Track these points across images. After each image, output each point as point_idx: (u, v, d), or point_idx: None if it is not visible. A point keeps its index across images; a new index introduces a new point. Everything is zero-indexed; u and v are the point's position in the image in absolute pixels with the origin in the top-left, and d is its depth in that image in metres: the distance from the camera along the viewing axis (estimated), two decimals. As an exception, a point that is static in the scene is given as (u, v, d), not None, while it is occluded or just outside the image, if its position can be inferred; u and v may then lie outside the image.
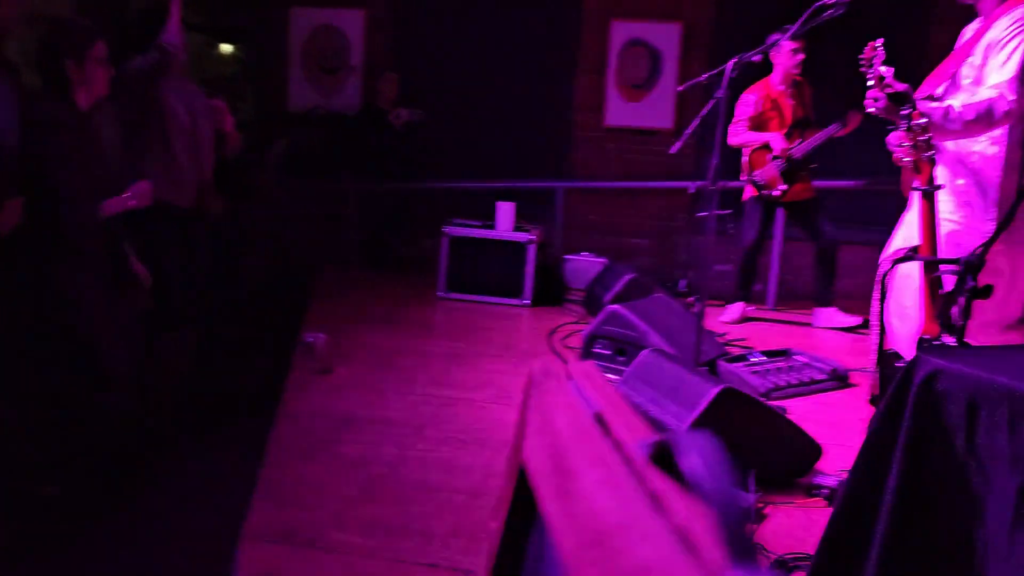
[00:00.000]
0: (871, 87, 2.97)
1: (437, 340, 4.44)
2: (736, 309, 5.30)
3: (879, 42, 3.02)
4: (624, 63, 6.62)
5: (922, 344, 2.44)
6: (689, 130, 5.58)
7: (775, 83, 5.02)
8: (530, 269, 5.34)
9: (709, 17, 6.57)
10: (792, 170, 4.97)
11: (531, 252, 5.33)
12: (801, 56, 4.86)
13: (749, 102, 5.05)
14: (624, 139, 6.74)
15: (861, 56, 3.05)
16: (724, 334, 4.57)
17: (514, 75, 6.82)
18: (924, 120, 2.39)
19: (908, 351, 2.58)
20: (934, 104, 2.96)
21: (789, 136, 4.95)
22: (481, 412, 3.33)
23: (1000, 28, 2.93)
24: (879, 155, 3.67)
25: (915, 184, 2.46)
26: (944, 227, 3.07)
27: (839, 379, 3.97)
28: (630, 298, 4.77)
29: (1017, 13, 2.90)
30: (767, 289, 5.85)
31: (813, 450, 2.83)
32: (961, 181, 3.10)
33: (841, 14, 3.38)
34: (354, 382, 3.60)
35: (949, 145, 3.11)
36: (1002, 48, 2.90)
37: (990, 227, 3.02)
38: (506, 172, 6.67)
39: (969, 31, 3.18)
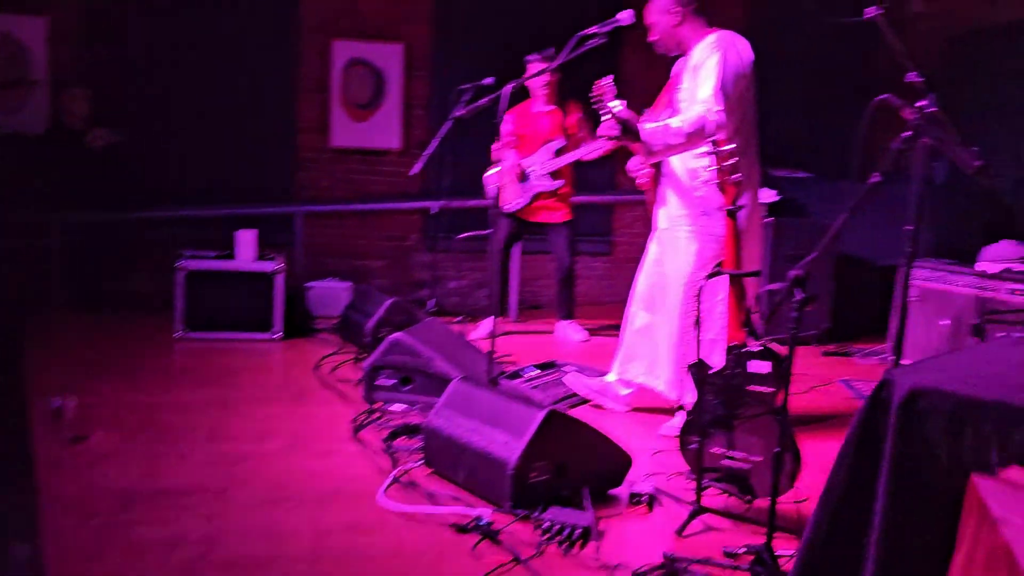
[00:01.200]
0: (606, 119, 3.22)
1: (195, 388, 3.99)
2: (488, 323, 5.44)
3: (608, 79, 3.29)
4: (348, 83, 6.49)
5: (731, 351, 2.67)
6: (429, 150, 5.65)
7: (533, 104, 5.22)
8: (279, 300, 5.02)
9: (428, 38, 6.67)
10: (531, 188, 5.19)
11: (279, 282, 5.02)
12: (547, 78, 5.07)
13: (507, 121, 5.22)
14: (352, 160, 6.61)
15: (592, 94, 3.30)
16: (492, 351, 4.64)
17: (229, 94, 6.37)
18: (732, 147, 2.63)
19: (713, 359, 2.81)
20: (653, 125, 3.26)
21: (536, 156, 5.16)
22: (281, 465, 3.06)
23: (697, 54, 3.36)
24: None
25: (720, 204, 2.69)
26: (687, 237, 3.43)
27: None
28: (393, 323, 4.69)
29: (709, 39, 3.36)
30: (508, 301, 6.06)
31: (625, 460, 2.98)
32: (699, 193, 3.45)
33: (604, 43, 3.57)
34: (119, 449, 3.12)
35: (676, 164, 3.46)
36: (702, 69, 3.30)
37: (722, 231, 3.41)
38: (224, 197, 6.22)
39: (678, 66, 3.57)
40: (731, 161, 2.60)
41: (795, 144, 6.63)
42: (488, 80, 5.49)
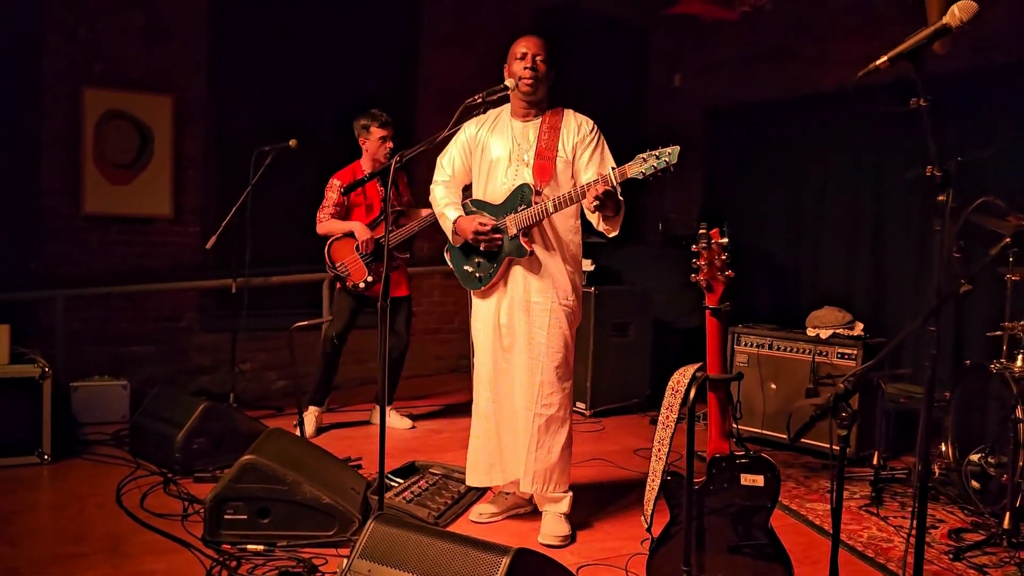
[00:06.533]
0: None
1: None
2: (311, 419, 4.73)
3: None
4: (104, 139, 5.48)
5: (715, 463, 2.38)
6: (226, 221, 4.91)
7: (364, 168, 4.66)
8: (47, 413, 3.95)
9: (201, 91, 5.86)
10: (378, 261, 4.64)
11: (47, 390, 3.96)
12: (390, 144, 4.59)
13: (335, 187, 4.60)
14: (112, 229, 5.57)
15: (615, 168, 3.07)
16: (352, 459, 3.99)
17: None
18: (725, 240, 2.35)
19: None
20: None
21: (375, 224, 4.61)
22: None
23: (582, 133, 3.27)
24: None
25: (706, 303, 2.40)
26: (564, 312, 3.20)
27: (477, 488, 3.76)
28: (209, 431, 3.94)
29: (582, 121, 3.30)
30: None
31: (579, 592, 2.58)
32: (569, 268, 3.28)
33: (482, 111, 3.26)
34: None
35: (560, 229, 3.28)
36: (594, 148, 3.26)
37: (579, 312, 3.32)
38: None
39: (524, 127, 3.31)
40: (723, 256, 2.34)
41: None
42: (292, 141, 4.90)
